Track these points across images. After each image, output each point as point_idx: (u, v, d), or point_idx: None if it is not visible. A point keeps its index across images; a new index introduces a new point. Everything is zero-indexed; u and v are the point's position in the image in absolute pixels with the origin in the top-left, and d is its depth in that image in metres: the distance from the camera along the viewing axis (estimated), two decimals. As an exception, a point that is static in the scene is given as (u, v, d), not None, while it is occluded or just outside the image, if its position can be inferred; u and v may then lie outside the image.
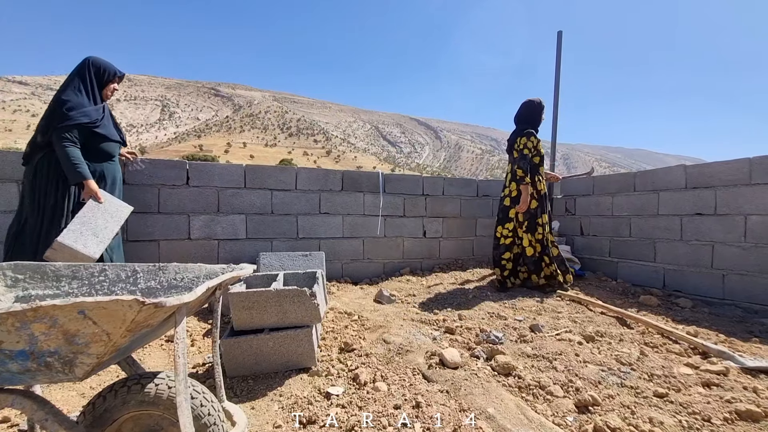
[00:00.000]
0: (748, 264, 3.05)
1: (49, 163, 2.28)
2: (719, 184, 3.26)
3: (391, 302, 3.15)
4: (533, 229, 3.50)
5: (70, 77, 2.41)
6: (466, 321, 2.66)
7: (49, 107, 2.33)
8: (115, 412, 1.04)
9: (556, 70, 5.07)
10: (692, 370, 1.92)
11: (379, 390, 1.71)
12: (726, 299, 3.16)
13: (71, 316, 0.78)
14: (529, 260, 3.52)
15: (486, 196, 4.79)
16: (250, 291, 1.91)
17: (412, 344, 2.21)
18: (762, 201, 2.98)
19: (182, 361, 0.93)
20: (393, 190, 4.29)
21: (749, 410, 1.50)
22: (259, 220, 3.70)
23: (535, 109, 3.56)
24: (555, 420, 1.54)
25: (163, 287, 1.37)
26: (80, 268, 1.32)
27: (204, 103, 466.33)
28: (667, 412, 1.56)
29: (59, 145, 2.23)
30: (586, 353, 2.11)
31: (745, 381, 1.79)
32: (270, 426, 1.49)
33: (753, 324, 2.67)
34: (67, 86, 2.36)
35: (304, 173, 3.92)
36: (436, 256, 4.53)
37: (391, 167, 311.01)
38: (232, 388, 1.78)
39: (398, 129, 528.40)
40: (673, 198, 3.60)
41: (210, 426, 1.09)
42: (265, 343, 1.90)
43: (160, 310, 0.85)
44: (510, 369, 1.91)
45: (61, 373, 0.85)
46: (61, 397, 1.70)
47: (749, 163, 3.08)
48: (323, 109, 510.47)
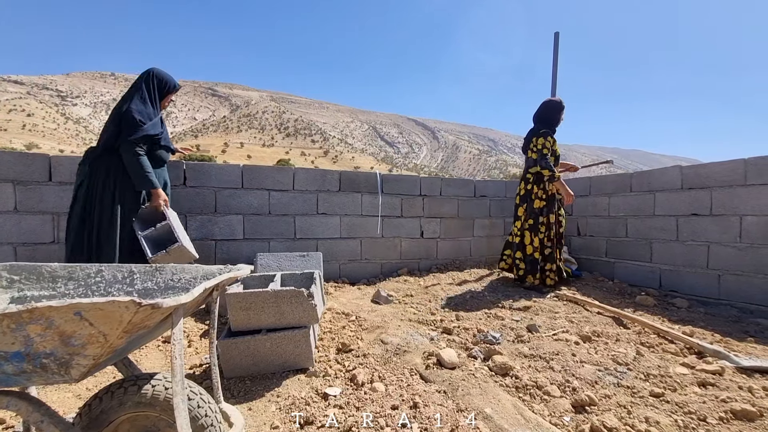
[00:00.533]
0: (743, 264, 3.07)
1: (108, 167, 2.38)
2: (715, 185, 3.28)
3: (389, 303, 3.15)
4: (535, 229, 3.53)
5: (135, 87, 2.54)
6: (463, 321, 2.67)
7: (118, 114, 2.44)
8: (111, 413, 1.03)
9: (553, 71, 5.09)
10: (688, 369, 1.93)
11: (377, 390, 1.71)
12: (722, 299, 3.18)
13: (67, 318, 0.78)
14: (527, 259, 3.55)
15: (483, 196, 4.80)
16: (247, 292, 1.90)
17: (409, 345, 2.21)
18: (757, 201, 3.00)
19: (179, 362, 0.93)
20: (391, 191, 4.29)
21: (744, 410, 1.51)
22: (257, 220, 3.69)
23: (555, 108, 3.59)
24: (552, 420, 1.54)
25: (160, 288, 1.36)
26: (76, 269, 1.31)
27: (201, 102, 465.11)
28: (663, 412, 1.57)
29: (131, 153, 2.37)
30: (582, 353, 2.12)
31: (740, 380, 1.80)
32: (267, 427, 1.48)
33: (748, 324, 2.69)
34: (133, 96, 2.48)
35: (302, 173, 3.91)
36: (433, 257, 4.53)
37: (389, 167, 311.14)
38: (230, 389, 1.77)
39: (396, 129, 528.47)
40: (669, 198, 3.62)
41: (207, 427, 1.08)
42: (263, 343, 1.89)
43: (157, 312, 0.85)
44: (507, 369, 1.92)
45: (57, 374, 0.85)
46: (56, 398, 1.69)
47: (744, 163, 3.10)
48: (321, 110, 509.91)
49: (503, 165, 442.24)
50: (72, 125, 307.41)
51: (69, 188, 3.02)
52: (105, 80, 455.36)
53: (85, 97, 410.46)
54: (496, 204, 4.88)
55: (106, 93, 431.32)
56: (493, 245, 4.87)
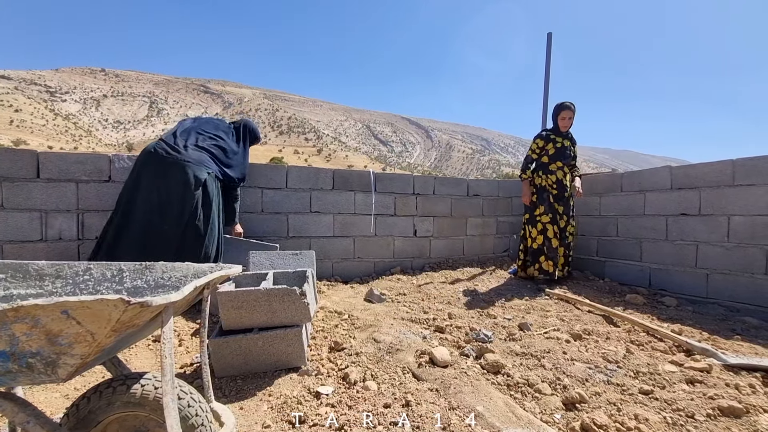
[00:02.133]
0: (730, 263, 3.12)
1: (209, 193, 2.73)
2: (703, 185, 3.33)
3: (382, 301, 3.15)
4: (533, 222, 3.82)
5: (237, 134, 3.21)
6: (455, 320, 2.68)
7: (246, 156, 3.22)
8: (99, 413, 1.02)
9: (546, 71, 5.12)
10: (676, 367, 1.96)
11: (370, 389, 1.71)
12: (710, 298, 3.23)
13: (54, 316, 0.77)
14: (530, 250, 3.84)
15: (476, 195, 4.82)
16: (239, 290, 1.89)
17: (402, 343, 2.22)
18: (744, 202, 3.05)
19: (169, 361, 0.92)
20: (384, 189, 4.29)
21: (731, 406, 1.54)
22: (249, 218, 3.66)
23: (553, 111, 3.88)
24: (543, 417, 1.55)
25: (150, 286, 1.34)
26: (64, 266, 1.29)
27: (193, 99, 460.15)
28: (652, 409, 1.59)
29: (237, 194, 3.13)
30: (573, 351, 2.14)
31: (727, 378, 1.83)
32: (259, 426, 1.47)
33: (735, 322, 2.74)
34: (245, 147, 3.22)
35: (295, 172, 3.89)
36: (426, 255, 4.54)
37: (383, 166, 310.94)
38: (221, 388, 1.76)
39: (389, 128, 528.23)
40: (659, 198, 3.67)
41: (198, 427, 1.07)
42: (255, 342, 1.88)
43: (147, 310, 0.84)
44: (499, 367, 1.93)
45: (43, 374, 0.83)
46: (43, 398, 1.66)
47: (732, 164, 3.14)
48: (314, 108, 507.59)
49: (496, 164, 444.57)
50: (61, 121, 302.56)
51: (57, 185, 2.98)
52: (95, 76, 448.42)
53: (74, 93, 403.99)
54: (489, 203, 4.90)
55: (96, 89, 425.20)
56: (486, 244, 4.89)
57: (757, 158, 3.00)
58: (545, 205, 3.74)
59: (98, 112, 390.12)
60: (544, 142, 3.78)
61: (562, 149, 3.75)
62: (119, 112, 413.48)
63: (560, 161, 3.75)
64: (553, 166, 3.76)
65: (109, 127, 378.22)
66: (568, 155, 3.79)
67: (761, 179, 2.96)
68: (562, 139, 3.77)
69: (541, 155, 3.82)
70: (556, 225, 3.71)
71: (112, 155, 3.16)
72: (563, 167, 3.76)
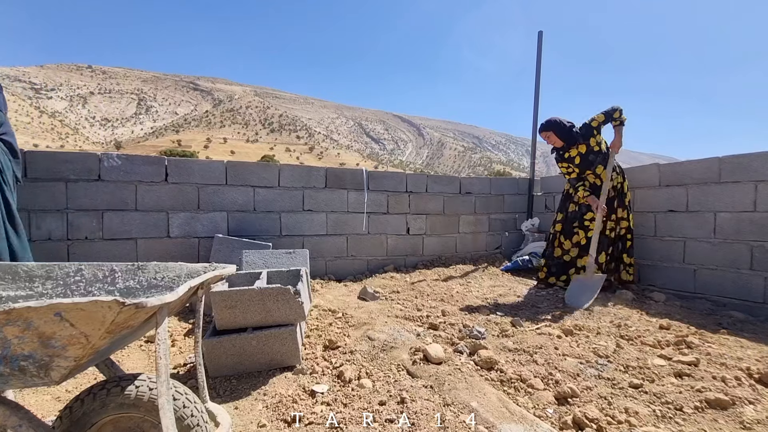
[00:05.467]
0: (717, 259, 3.18)
1: None
2: (691, 182, 3.39)
3: (375, 299, 3.16)
4: (570, 233, 3.60)
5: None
6: (449, 317, 2.70)
7: None
8: (93, 415, 1.01)
9: (537, 70, 5.15)
10: (665, 361, 2.00)
11: (364, 387, 1.72)
12: (697, 293, 3.29)
13: (47, 319, 0.76)
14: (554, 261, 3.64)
15: (468, 193, 4.85)
16: (232, 290, 1.88)
17: (396, 341, 2.23)
18: (731, 199, 3.11)
19: (164, 362, 0.92)
20: (377, 188, 4.29)
21: (718, 399, 1.58)
22: (241, 217, 3.64)
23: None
24: (536, 412, 1.58)
25: (143, 287, 1.33)
26: (54, 267, 1.28)
27: (182, 97, 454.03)
28: (642, 402, 1.62)
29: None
30: (565, 347, 2.17)
31: (714, 371, 1.87)
32: (254, 425, 1.47)
33: (722, 316, 2.79)
34: None
35: (288, 170, 3.87)
36: (419, 253, 4.56)
37: (375, 164, 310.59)
38: (215, 388, 1.75)
39: (381, 126, 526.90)
40: (647, 195, 3.72)
41: (193, 427, 1.07)
42: (249, 342, 1.87)
43: (141, 311, 0.83)
44: (492, 363, 1.95)
45: (36, 377, 0.82)
46: (35, 401, 1.64)
47: (719, 162, 3.20)
48: (306, 105, 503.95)
49: (488, 162, 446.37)
50: (47, 119, 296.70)
51: (44, 185, 2.93)
52: (82, 73, 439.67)
53: (60, 90, 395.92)
54: (481, 201, 4.93)
55: (83, 86, 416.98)
56: (479, 242, 4.93)
57: (742, 156, 3.06)
58: (565, 214, 3.62)
59: (85, 110, 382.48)
60: (560, 162, 3.59)
61: (583, 157, 3.49)
62: (107, 110, 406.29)
63: (587, 169, 3.51)
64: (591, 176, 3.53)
65: (96, 124, 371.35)
66: (590, 161, 3.51)
67: (746, 176, 3.02)
68: (568, 150, 3.52)
69: (570, 172, 3.58)
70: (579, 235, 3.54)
71: (101, 154, 3.12)
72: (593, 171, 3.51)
